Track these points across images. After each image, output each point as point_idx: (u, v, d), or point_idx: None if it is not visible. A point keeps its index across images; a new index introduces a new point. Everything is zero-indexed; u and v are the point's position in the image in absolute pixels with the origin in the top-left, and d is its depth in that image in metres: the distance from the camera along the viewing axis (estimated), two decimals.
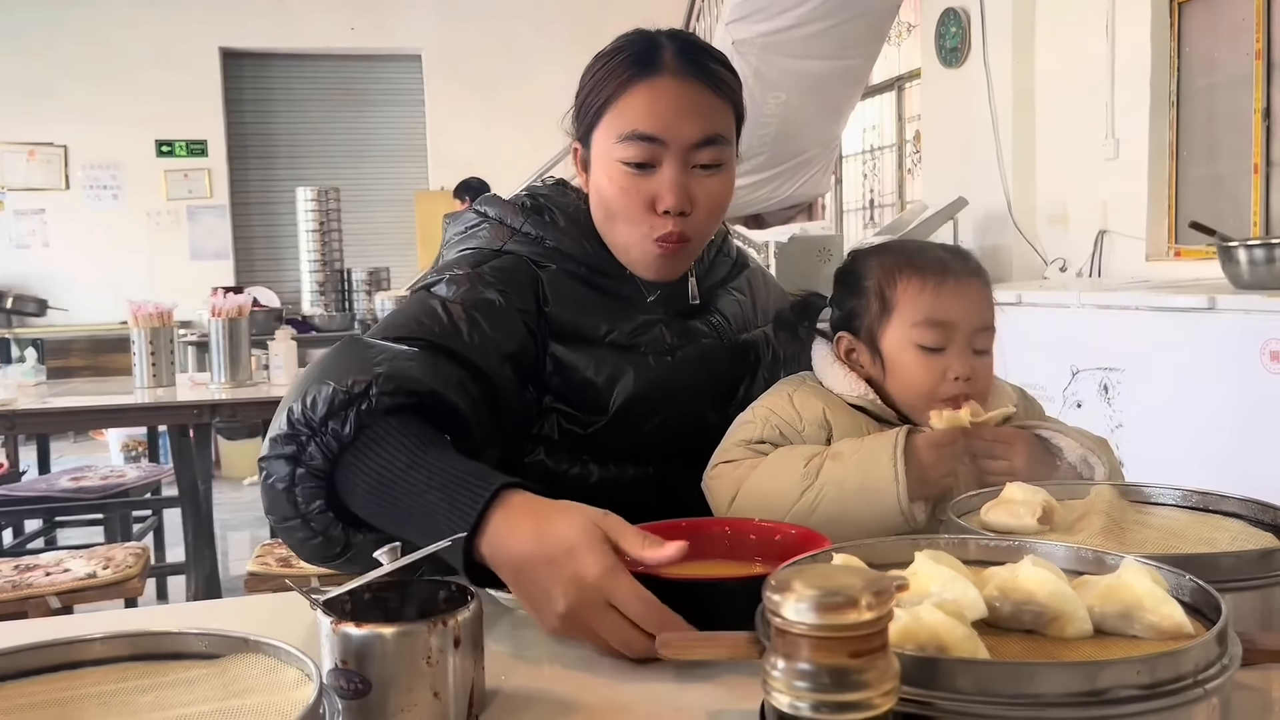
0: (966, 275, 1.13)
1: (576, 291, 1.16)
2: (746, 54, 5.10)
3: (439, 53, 7.87)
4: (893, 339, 1.14)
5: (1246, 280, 2.69)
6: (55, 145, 7.47)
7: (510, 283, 1.14)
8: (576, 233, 1.18)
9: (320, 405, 0.96)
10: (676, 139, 1.10)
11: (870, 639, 0.52)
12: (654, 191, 1.10)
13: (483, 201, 1.26)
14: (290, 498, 0.97)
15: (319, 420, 0.96)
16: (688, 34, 1.20)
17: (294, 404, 0.98)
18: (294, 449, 0.97)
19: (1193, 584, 0.69)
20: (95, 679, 0.67)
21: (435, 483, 0.91)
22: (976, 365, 1.12)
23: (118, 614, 1.16)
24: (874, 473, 1.03)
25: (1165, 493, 0.98)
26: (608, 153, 1.12)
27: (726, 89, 1.14)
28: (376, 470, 0.95)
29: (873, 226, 6.43)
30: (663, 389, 1.16)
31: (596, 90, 1.13)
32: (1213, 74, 3.71)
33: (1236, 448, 2.51)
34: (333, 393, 0.96)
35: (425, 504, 0.90)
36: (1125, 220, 3.96)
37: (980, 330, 1.12)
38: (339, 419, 0.96)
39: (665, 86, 1.10)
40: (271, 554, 2.54)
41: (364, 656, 0.70)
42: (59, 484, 3.61)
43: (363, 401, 0.96)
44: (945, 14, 4.72)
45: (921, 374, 1.12)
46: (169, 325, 3.19)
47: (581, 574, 0.81)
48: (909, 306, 1.12)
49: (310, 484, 0.97)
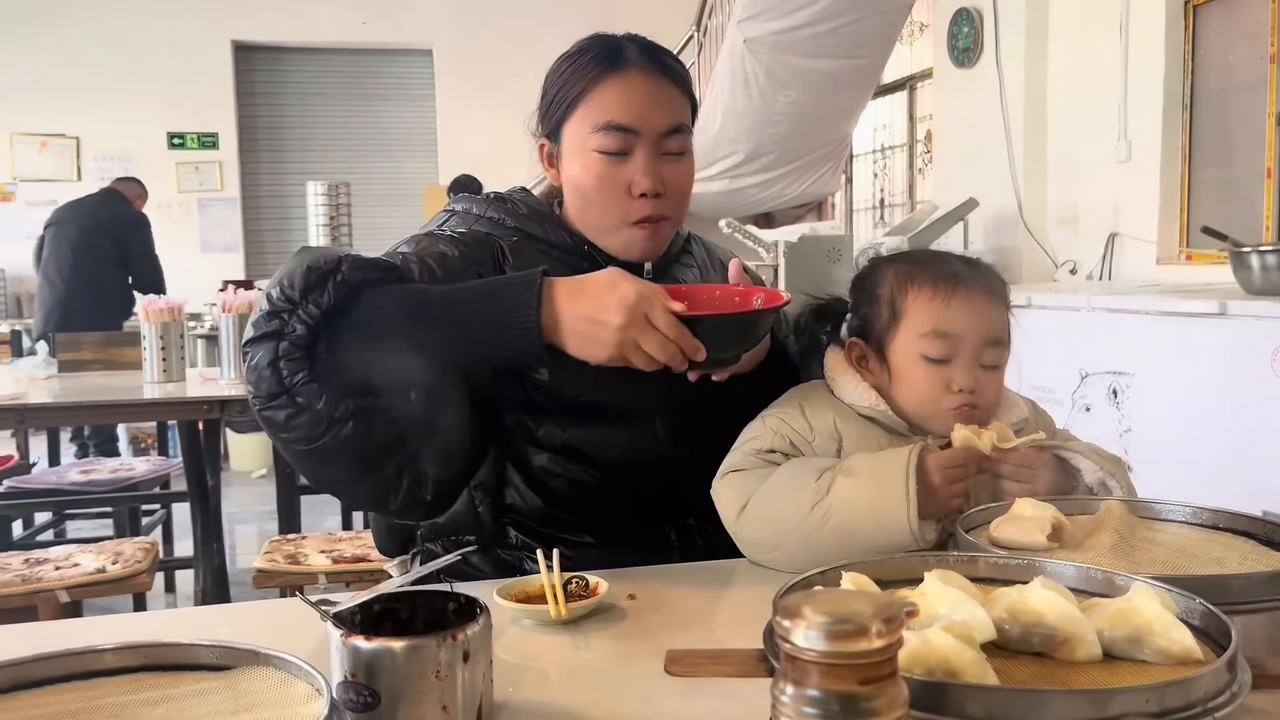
0: (978, 288, 1.13)
1: (538, 260, 1.21)
2: (758, 52, 5.08)
3: (450, 48, 7.87)
4: (899, 348, 1.14)
5: (1258, 286, 2.67)
6: (67, 137, 7.50)
7: (468, 244, 1.21)
8: (538, 217, 1.27)
9: (298, 280, 1.01)
10: (648, 128, 1.19)
11: (880, 666, 0.52)
12: (628, 177, 1.20)
13: (453, 200, 1.34)
14: (275, 373, 1.00)
15: (298, 294, 1.01)
16: (644, 37, 1.28)
17: (271, 290, 1.03)
18: (276, 324, 1.01)
19: (1203, 608, 0.69)
20: (107, 690, 0.67)
21: (484, 296, 1.03)
22: (983, 380, 1.11)
23: (129, 620, 1.16)
24: (885, 491, 1.02)
25: (1175, 509, 0.98)
26: (582, 143, 1.20)
27: (684, 83, 1.25)
28: (412, 301, 1.03)
29: (883, 226, 6.41)
30: None
31: (567, 87, 1.22)
32: (1227, 77, 3.69)
33: (1245, 454, 2.50)
34: (306, 269, 1.02)
35: (489, 312, 1.02)
36: (1136, 223, 3.94)
37: (988, 344, 1.12)
38: (317, 290, 1.01)
39: (635, 80, 1.20)
40: (279, 550, 2.55)
41: (373, 670, 0.70)
42: (69, 477, 3.62)
43: (335, 274, 1.02)
44: (958, 14, 4.70)
45: (925, 385, 1.12)
46: (179, 320, 3.19)
47: (627, 295, 0.99)
48: (916, 316, 1.12)
49: (295, 355, 1.00)
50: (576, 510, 1.23)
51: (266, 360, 1.00)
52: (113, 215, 5.63)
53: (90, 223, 5.54)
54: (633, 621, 0.98)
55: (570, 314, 1.01)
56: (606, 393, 1.21)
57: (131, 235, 5.64)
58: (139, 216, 5.75)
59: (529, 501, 1.23)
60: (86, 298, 5.40)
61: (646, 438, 1.23)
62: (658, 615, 0.99)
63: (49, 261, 5.58)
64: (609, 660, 0.90)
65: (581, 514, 1.23)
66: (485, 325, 1.02)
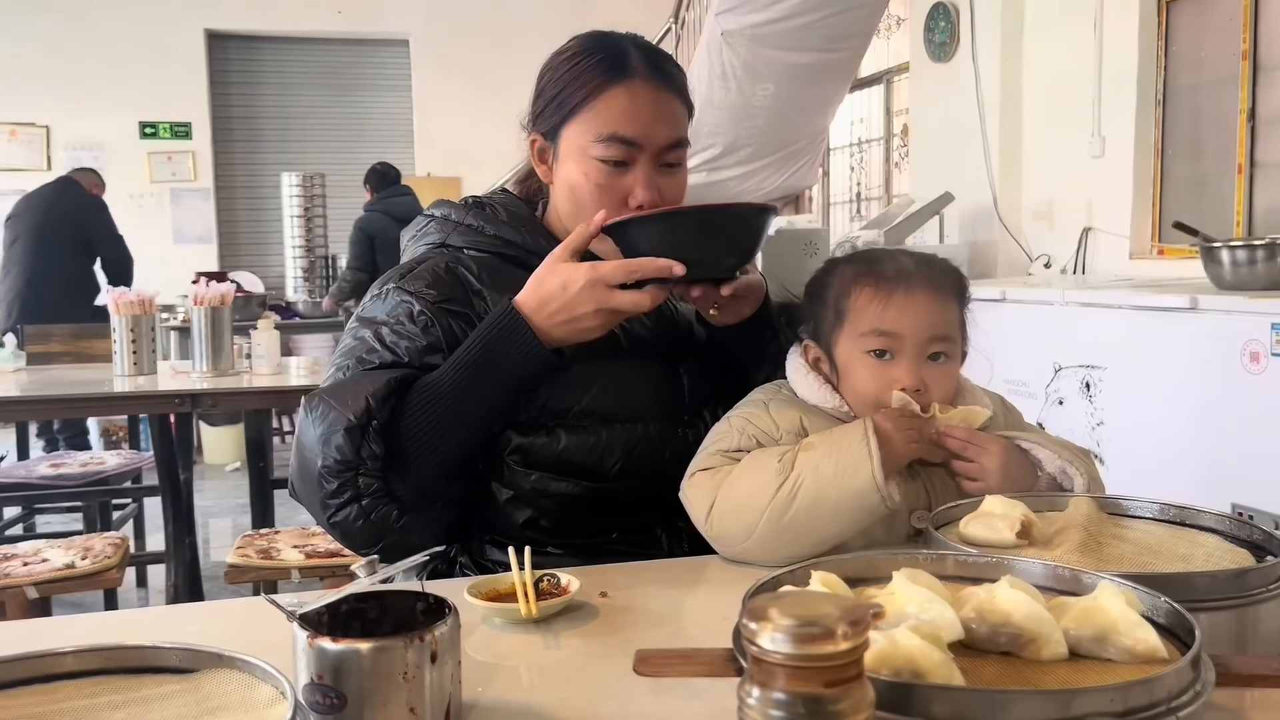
0: (922, 285, 1.14)
1: (512, 274, 1.22)
2: (735, 45, 5.07)
3: (427, 38, 7.81)
4: (844, 348, 1.16)
5: (1228, 281, 2.70)
6: (37, 126, 7.38)
7: (432, 283, 1.22)
8: (517, 222, 1.28)
9: (345, 445, 1.07)
10: (651, 142, 1.20)
11: (846, 668, 0.52)
12: (627, 187, 1.20)
13: (432, 205, 1.35)
14: (370, 530, 1.10)
15: (352, 456, 1.08)
16: (643, 38, 1.28)
17: (324, 460, 1.08)
18: (350, 493, 1.09)
19: (1167, 606, 0.70)
20: (68, 693, 0.67)
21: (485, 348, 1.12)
22: (929, 374, 1.12)
23: (93, 619, 1.15)
24: (847, 453, 1.04)
25: (1143, 506, 0.99)
26: (583, 150, 1.21)
27: (684, 93, 1.26)
28: (435, 396, 1.12)
29: (859, 220, 6.43)
30: (604, 348, 1.19)
31: (569, 89, 1.21)
32: (1199, 73, 3.72)
33: (1216, 447, 2.53)
34: (345, 429, 1.07)
35: (496, 358, 1.12)
36: (1110, 218, 3.97)
37: (932, 340, 1.13)
38: (366, 443, 1.08)
39: (640, 92, 1.20)
40: (252, 545, 2.53)
41: (340, 671, 0.70)
42: (38, 471, 3.58)
43: (370, 418, 1.08)
44: (934, 8, 4.71)
45: (870, 382, 1.13)
46: (150, 313, 3.16)
47: (577, 284, 1.08)
48: (857, 316, 1.14)
49: (381, 507, 1.09)
50: (564, 526, 1.22)
51: (360, 524, 1.09)
52: (72, 202, 5.51)
53: (50, 212, 5.43)
54: (604, 620, 0.97)
55: (550, 322, 1.10)
56: (600, 400, 1.21)
57: (94, 220, 5.54)
58: (98, 201, 5.64)
59: (514, 520, 1.22)
60: (48, 288, 5.29)
61: (642, 443, 1.22)
62: (629, 613, 0.99)
63: (10, 253, 5.49)
64: (580, 659, 0.90)
65: (569, 529, 1.22)
66: (501, 368, 1.12)
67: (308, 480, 1.11)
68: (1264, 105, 3.45)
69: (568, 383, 1.19)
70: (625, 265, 1.09)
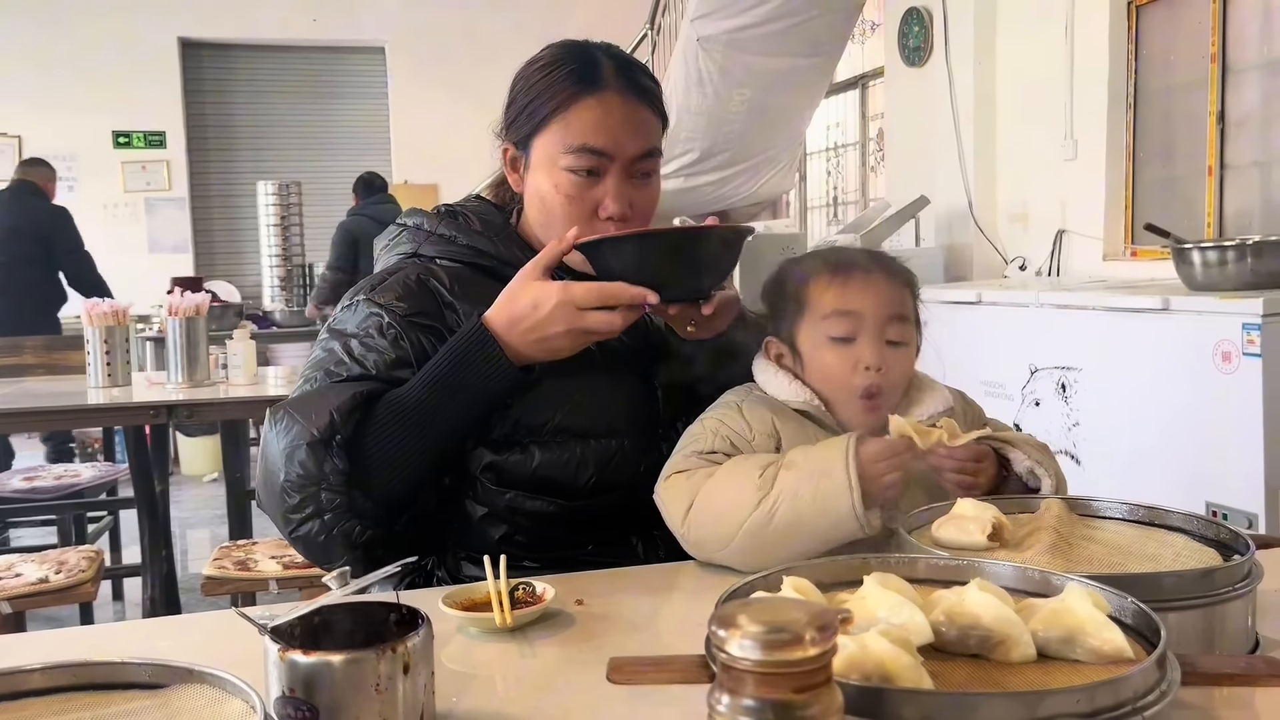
0: (876, 270, 1.17)
1: (484, 285, 1.22)
2: (712, 50, 5.09)
3: (403, 45, 7.79)
4: (806, 335, 1.17)
5: (1200, 282, 2.73)
6: (8, 135, 7.31)
7: (403, 295, 1.21)
8: (490, 232, 1.27)
9: (307, 460, 1.07)
10: (622, 153, 1.20)
11: (814, 674, 0.52)
12: (598, 199, 1.20)
13: (404, 214, 1.34)
14: (332, 544, 1.10)
15: (315, 471, 1.07)
16: (617, 49, 1.27)
17: (286, 474, 1.08)
18: (313, 507, 1.09)
19: (1134, 606, 0.70)
20: (36, 710, 0.66)
21: (454, 364, 1.12)
22: (889, 356, 1.14)
23: (65, 635, 1.14)
24: (827, 482, 1.04)
25: (1113, 506, 1.00)
26: (553, 160, 1.20)
27: (658, 104, 1.26)
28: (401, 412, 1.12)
29: (836, 224, 6.46)
30: (577, 363, 1.17)
31: (541, 99, 1.21)
32: (1169, 76, 3.76)
33: (1189, 447, 2.55)
34: (308, 444, 1.07)
35: (467, 374, 1.12)
36: (1083, 220, 4.01)
37: (891, 320, 1.15)
38: (329, 458, 1.07)
39: (612, 103, 1.20)
40: (229, 556, 2.51)
41: (311, 684, 0.69)
42: (11, 484, 3.55)
43: (334, 433, 1.08)
44: (908, 13, 4.74)
45: (833, 365, 1.15)
46: (124, 324, 3.13)
47: (548, 304, 1.08)
48: (818, 301, 1.16)
49: (344, 522, 1.09)
50: (540, 542, 1.22)
51: (322, 538, 1.10)
52: (30, 213, 5.17)
53: (9, 222, 5.11)
54: (580, 628, 0.97)
55: (520, 340, 1.11)
56: (574, 415, 1.20)
57: (55, 232, 5.19)
58: (59, 211, 5.32)
59: (489, 537, 1.21)
60: (12, 300, 5.00)
61: (617, 457, 1.21)
62: (605, 621, 0.99)
63: None
64: (555, 667, 0.89)
65: (545, 544, 1.22)
66: (471, 385, 1.12)
67: (271, 493, 1.11)
68: (1233, 107, 3.50)
69: (541, 399, 1.19)
70: (598, 290, 1.09)
